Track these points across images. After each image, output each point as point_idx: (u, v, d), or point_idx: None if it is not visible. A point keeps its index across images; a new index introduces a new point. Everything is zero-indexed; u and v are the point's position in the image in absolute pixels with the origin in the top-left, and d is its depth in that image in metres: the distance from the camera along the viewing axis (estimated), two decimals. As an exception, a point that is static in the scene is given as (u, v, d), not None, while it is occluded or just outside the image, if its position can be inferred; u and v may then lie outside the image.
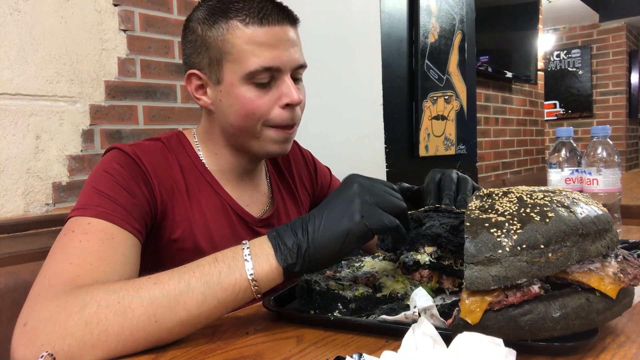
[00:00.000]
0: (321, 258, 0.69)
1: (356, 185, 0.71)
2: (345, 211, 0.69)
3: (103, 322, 0.63)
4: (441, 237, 0.75)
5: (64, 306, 0.65)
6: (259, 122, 0.89)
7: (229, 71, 0.88)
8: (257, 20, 0.86)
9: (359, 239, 0.69)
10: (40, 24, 1.42)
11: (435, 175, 0.96)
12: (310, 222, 0.70)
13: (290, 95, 0.88)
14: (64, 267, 0.71)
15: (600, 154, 1.14)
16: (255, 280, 0.68)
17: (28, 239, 1.32)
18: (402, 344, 0.53)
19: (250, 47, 0.86)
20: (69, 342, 0.62)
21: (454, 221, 0.75)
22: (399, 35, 2.10)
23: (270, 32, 0.87)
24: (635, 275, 0.61)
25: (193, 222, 0.91)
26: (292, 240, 0.69)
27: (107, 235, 0.76)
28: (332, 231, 0.68)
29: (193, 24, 0.92)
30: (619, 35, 5.45)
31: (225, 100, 0.90)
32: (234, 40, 0.87)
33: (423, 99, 2.21)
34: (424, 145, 2.23)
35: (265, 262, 0.69)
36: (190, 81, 0.93)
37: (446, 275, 0.76)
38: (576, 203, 0.63)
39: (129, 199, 0.82)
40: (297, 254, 0.68)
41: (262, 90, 0.88)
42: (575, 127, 5.02)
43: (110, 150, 0.89)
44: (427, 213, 0.80)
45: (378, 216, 0.69)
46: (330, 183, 1.22)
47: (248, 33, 0.86)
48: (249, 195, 1.01)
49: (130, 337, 0.64)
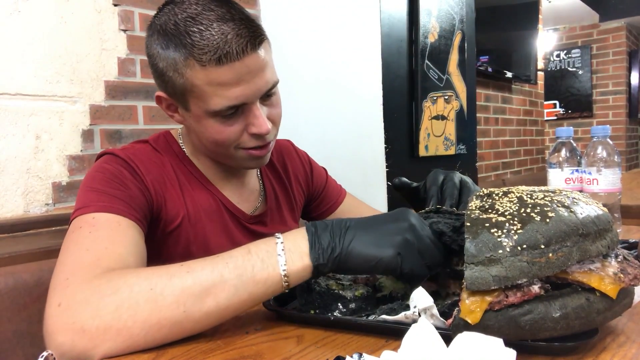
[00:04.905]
0: (348, 267, 0.70)
1: (408, 223, 0.71)
2: (386, 239, 0.69)
3: (134, 307, 0.64)
4: (445, 236, 0.75)
5: (98, 289, 0.65)
6: (230, 147, 0.90)
7: (194, 105, 0.86)
8: (214, 60, 0.79)
9: (386, 270, 0.70)
10: (40, 24, 1.42)
11: (437, 177, 0.95)
12: (350, 231, 0.70)
13: (257, 126, 0.86)
14: (81, 254, 0.72)
15: (600, 154, 1.14)
16: (287, 276, 0.69)
17: (28, 239, 1.32)
18: (402, 344, 0.53)
19: (211, 89, 0.82)
20: (97, 323, 0.63)
21: (455, 222, 0.75)
22: (399, 35, 2.10)
23: (231, 70, 0.81)
24: (635, 275, 0.61)
25: (186, 216, 0.92)
26: (328, 241, 0.70)
27: (113, 224, 0.77)
28: (366, 250, 0.69)
29: (153, 49, 0.86)
30: (619, 35, 5.44)
31: (195, 126, 0.90)
32: (193, 80, 0.82)
33: (423, 99, 2.21)
34: (424, 145, 2.23)
35: (298, 259, 0.69)
36: (160, 101, 0.92)
37: (452, 279, 0.76)
38: (576, 203, 0.63)
39: (125, 192, 0.83)
40: (329, 256, 0.69)
41: (231, 121, 0.86)
42: (575, 127, 5.00)
43: (102, 156, 0.90)
44: (427, 214, 0.80)
45: (414, 261, 0.69)
46: (327, 183, 1.22)
47: (206, 74, 0.81)
48: (240, 193, 1.02)
49: (156, 325, 0.64)
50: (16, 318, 0.97)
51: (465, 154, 2.55)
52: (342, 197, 1.24)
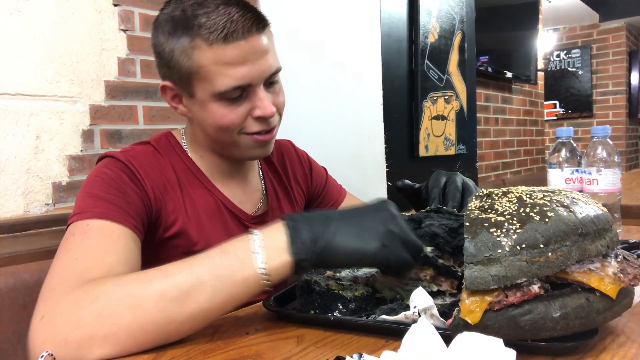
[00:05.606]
0: (332, 262, 0.69)
1: (390, 213, 0.70)
2: (370, 231, 0.68)
3: (115, 314, 0.64)
4: (439, 237, 0.75)
5: (76, 300, 0.65)
6: (234, 132, 0.90)
7: (199, 88, 0.87)
8: (220, 38, 0.82)
9: (372, 264, 0.69)
10: (40, 24, 1.42)
11: (440, 179, 0.94)
12: (332, 224, 0.69)
13: (262, 108, 0.87)
14: (70, 264, 0.72)
15: (600, 154, 1.14)
16: (267, 274, 0.67)
17: (28, 239, 1.32)
18: (402, 344, 0.53)
19: (217, 68, 0.84)
20: (81, 333, 0.63)
21: (453, 223, 0.75)
22: (399, 35, 2.10)
23: (237, 49, 0.83)
24: (635, 275, 0.61)
25: (187, 219, 0.92)
26: (310, 235, 0.68)
27: (106, 232, 0.77)
28: (350, 244, 0.68)
29: (160, 37, 0.88)
30: (619, 35, 5.45)
31: (199, 113, 0.90)
32: (200, 60, 0.84)
33: (423, 99, 2.21)
34: (424, 145, 2.23)
35: (276, 256, 0.68)
36: (164, 92, 0.93)
37: (444, 277, 0.76)
38: (576, 203, 0.63)
39: (123, 198, 0.83)
40: (311, 250, 0.67)
41: (235, 104, 0.87)
42: (575, 127, 5.00)
43: (102, 159, 0.90)
44: (427, 214, 0.80)
45: (400, 251, 0.68)
46: (326, 183, 1.22)
47: (213, 53, 0.83)
48: (242, 192, 1.02)
49: (141, 330, 0.64)
50: (16, 318, 0.97)
51: (465, 154, 2.55)
52: (342, 196, 1.24)
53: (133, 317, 0.64)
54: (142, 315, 0.64)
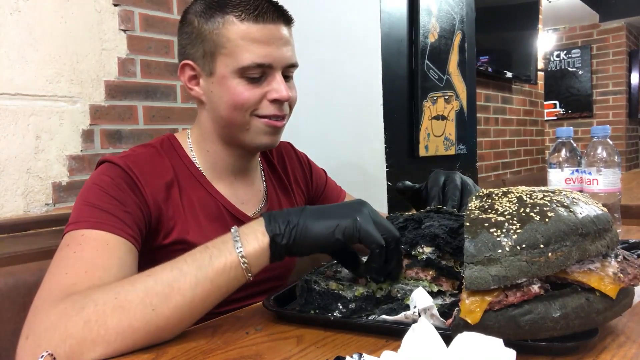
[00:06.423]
0: (307, 238, 0.71)
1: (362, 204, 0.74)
2: (343, 211, 0.73)
3: (102, 318, 0.64)
4: (439, 238, 0.75)
5: (63, 312, 0.65)
6: (247, 113, 0.92)
7: (222, 64, 0.90)
8: (252, 17, 0.89)
9: (345, 233, 0.70)
10: (40, 24, 1.42)
11: (439, 178, 0.95)
12: (307, 210, 0.73)
13: (279, 91, 0.91)
14: (59, 278, 0.72)
15: (600, 154, 1.14)
16: (245, 257, 0.70)
17: (28, 239, 1.32)
18: (402, 344, 0.53)
19: (244, 43, 0.89)
20: (70, 342, 0.63)
21: (453, 224, 0.75)
22: (399, 35, 2.10)
23: (265, 30, 0.89)
24: (635, 275, 0.61)
25: (187, 225, 0.92)
26: (285, 218, 0.72)
27: (100, 243, 0.77)
28: (324, 219, 0.71)
29: (190, 16, 0.94)
30: (619, 35, 5.44)
31: (216, 91, 0.92)
32: (229, 34, 0.89)
33: (423, 99, 2.21)
34: (424, 145, 2.23)
35: (253, 239, 0.71)
36: (183, 71, 0.95)
37: (445, 277, 0.76)
38: (576, 203, 0.63)
39: (120, 207, 0.82)
40: (286, 227, 0.71)
41: (253, 84, 0.91)
42: (575, 127, 5.00)
43: (101, 164, 0.89)
44: (428, 214, 0.80)
45: (370, 226, 0.71)
46: (326, 184, 1.22)
47: (243, 29, 0.89)
48: (244, 193, 1.02)
49: (130, 328, 0.64)
50: (16, 318, 0.97)
51: (465, 154, 2.55)
52: (342, 198, 1.24)
53: (120, 317, 0.64)
54: (129, 313, 0.65)
